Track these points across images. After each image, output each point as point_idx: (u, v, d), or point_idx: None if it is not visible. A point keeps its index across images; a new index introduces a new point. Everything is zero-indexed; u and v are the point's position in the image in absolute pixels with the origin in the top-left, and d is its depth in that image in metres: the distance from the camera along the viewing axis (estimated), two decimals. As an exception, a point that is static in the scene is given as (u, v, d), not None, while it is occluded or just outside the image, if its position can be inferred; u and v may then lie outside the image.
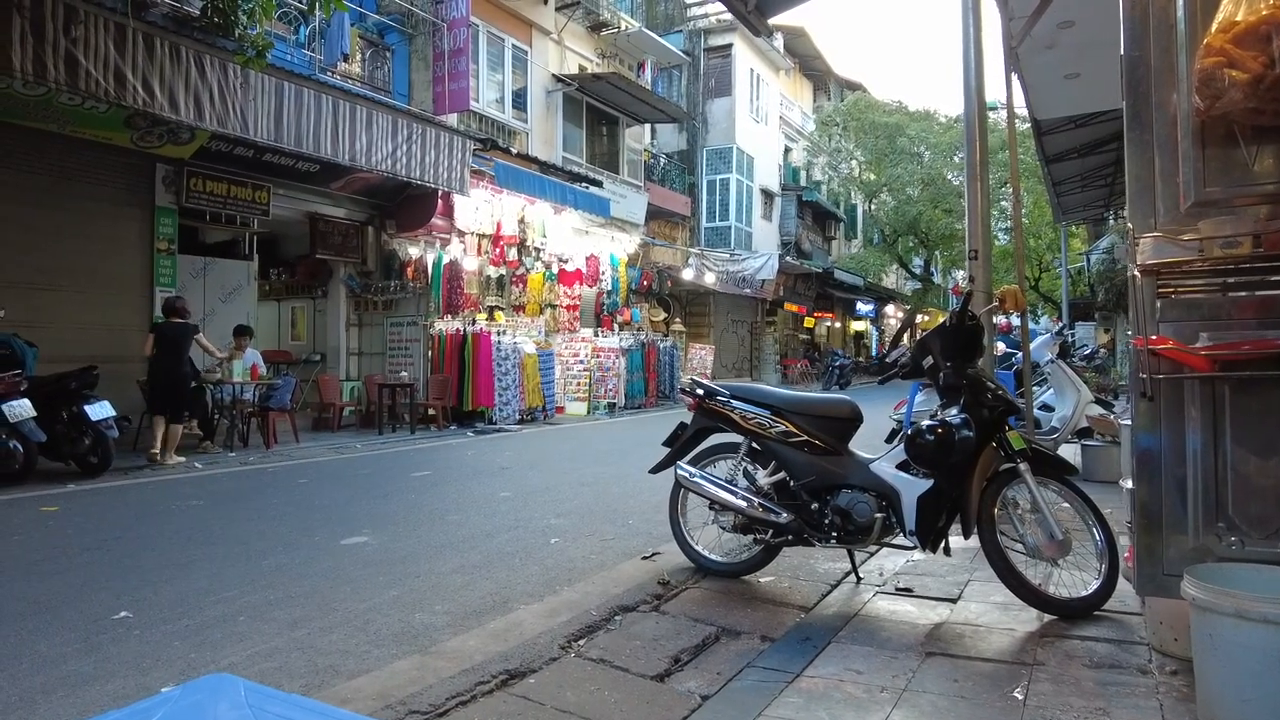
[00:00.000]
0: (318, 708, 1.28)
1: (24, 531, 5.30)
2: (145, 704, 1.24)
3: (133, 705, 1.23)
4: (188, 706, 1.26)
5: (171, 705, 1.25)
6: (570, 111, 17.42)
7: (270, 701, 1.28)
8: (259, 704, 1.26)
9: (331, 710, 1.26)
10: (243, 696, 1.29)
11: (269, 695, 1.31)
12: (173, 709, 1.24)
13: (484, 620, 3.52)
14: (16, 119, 8.65)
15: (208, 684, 1.35)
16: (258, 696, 1.30)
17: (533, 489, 6.91)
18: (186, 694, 1.29)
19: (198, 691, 1.31)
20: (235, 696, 1.29)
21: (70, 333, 9.07)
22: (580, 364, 14.91)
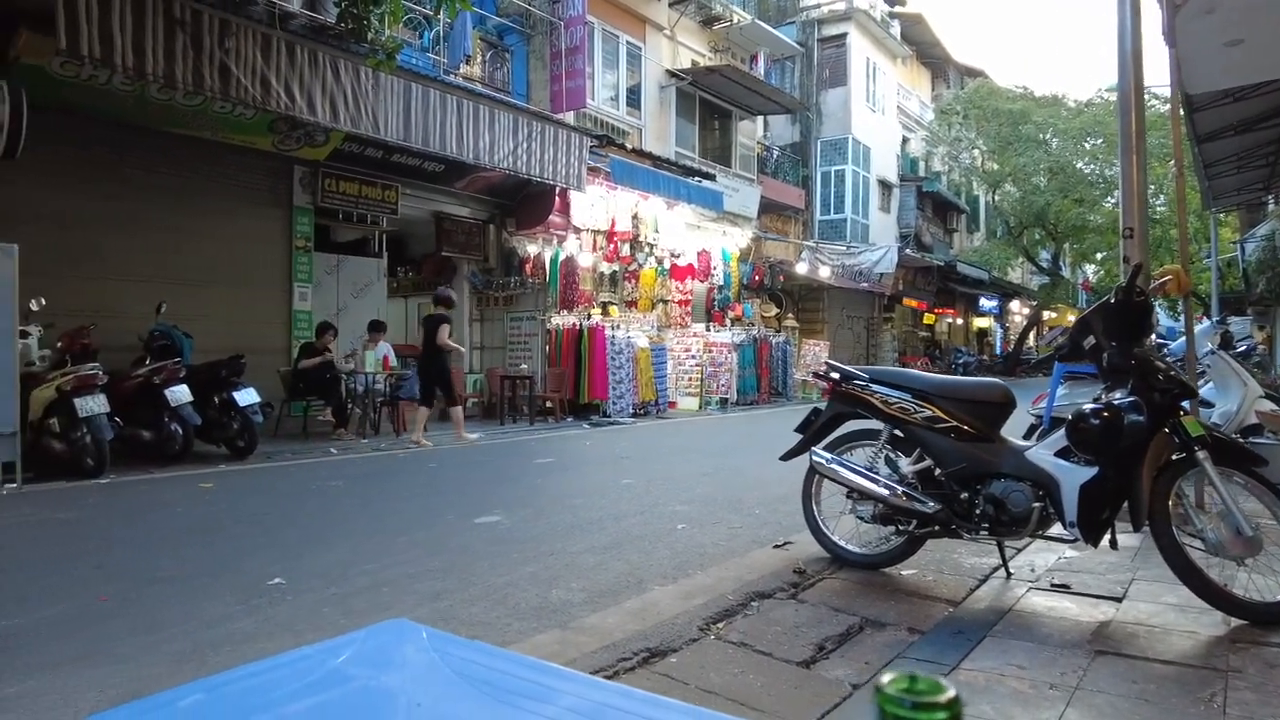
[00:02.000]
0: (498, 653, 1.24)
1: (186, 505, 5.68)
2: (332, 644, 1.24)
3: (319, 644, 1.23)
4: (374, 648, 1.24)
5: (358, 646, 1.23)
6: (683, 106, 17.37)
7: (451, 645, 1.25)
8: (441, 648, 1.23)
9: (512, 655, 1.22)
10: (425, 640, 1.27)
11: (449, 640, 1.28)
12: (360, 649, 1.23)
13: (620, 599, 3.49)
14: (175, 127, 9.32)
15: (389, 628, 1.33)
16: (439, 641, 1.27)
17: (654, 477, 6.87)
18: (370, 636, 1.28)
19: (381, 634, 1.30)
20: (418, 640, 1.27)
21: (220, 325, 9.69)
22: (692, 359, 14.84)
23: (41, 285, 7.42)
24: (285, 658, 1.23)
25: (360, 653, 1.22)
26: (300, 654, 1.22)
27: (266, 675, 1.15)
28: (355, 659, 1.19)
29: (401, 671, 1.17)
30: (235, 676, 1.16)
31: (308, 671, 1.15)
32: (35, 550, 4.38)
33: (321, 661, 1.18)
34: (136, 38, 7.34)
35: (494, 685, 1.11)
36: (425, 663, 1.19)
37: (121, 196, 9.14)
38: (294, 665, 1.18)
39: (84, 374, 6.77)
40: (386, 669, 1.17)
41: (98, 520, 5.20)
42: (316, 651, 1.21)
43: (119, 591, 3.49)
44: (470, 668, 1.17)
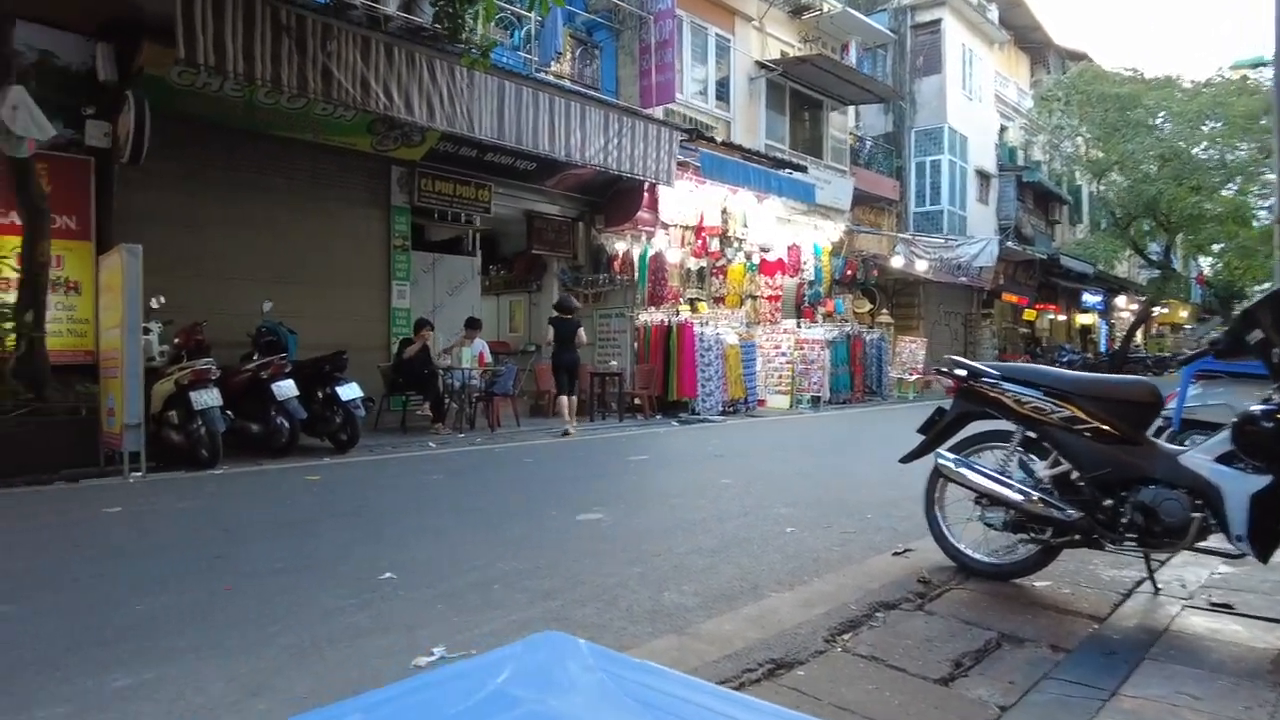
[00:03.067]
0: (677, 678, 1.11)
1: (294, 496, 5.82)
2: (487, 659, 1.14)
3: (474, 660, 1.13)
4: (534, 665, 1.13)
5: (517, 662, 1.13)
6: (773, 98, 17.04)
7: (620, 666, 1.13)
8: (611, 668, 1.11)
9: (695, 682, 1.09)
10: (589, 657, 1.15)
11: (616, 659, 1.16)
12: (520, 666, 1.12)
13: (736, 605, 3.34)
14: (280, 131, 9.64)
15: (546, 642, 1.22)
16: (605, 659, 1.15)
17: (752, 477, 6.69)
18: (527, 651, 1.17)
19: (539, 649, 1.19)
20: (580, 657, 1.16)
21: (323, 322, 9.98)
22: (782, 356, 14.54)
23: (161, 284, 7.75)
24: (442, 675, 1.13)
25: (521, 670, 1.11)
26: (457, 671, 1.12)
27: (425, 694, 1.05)
28: (517, 678, 1.08)
29: (570, 696, 1.05)
30: (391, 695, 1.06)
31: (469, 692, 1.05)
32: (162, 538, 4.54)
33: (481, 680, 1.07)
34: (246, 44, 7.59)
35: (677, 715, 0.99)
36: (595, 686, 1.07)
37: (233, 200, 9.51)
38: (453, 684, 1.08)
39: (199, 368, 7.04)
40: (553, 691, 1.06)
41: (215, 510, 5.37)
42: (473, 669, 1.11)
43: (239, 581, 3.55)
44: (647, 694, 1.04)
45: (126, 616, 3.07)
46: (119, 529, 4.75)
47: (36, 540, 4.49)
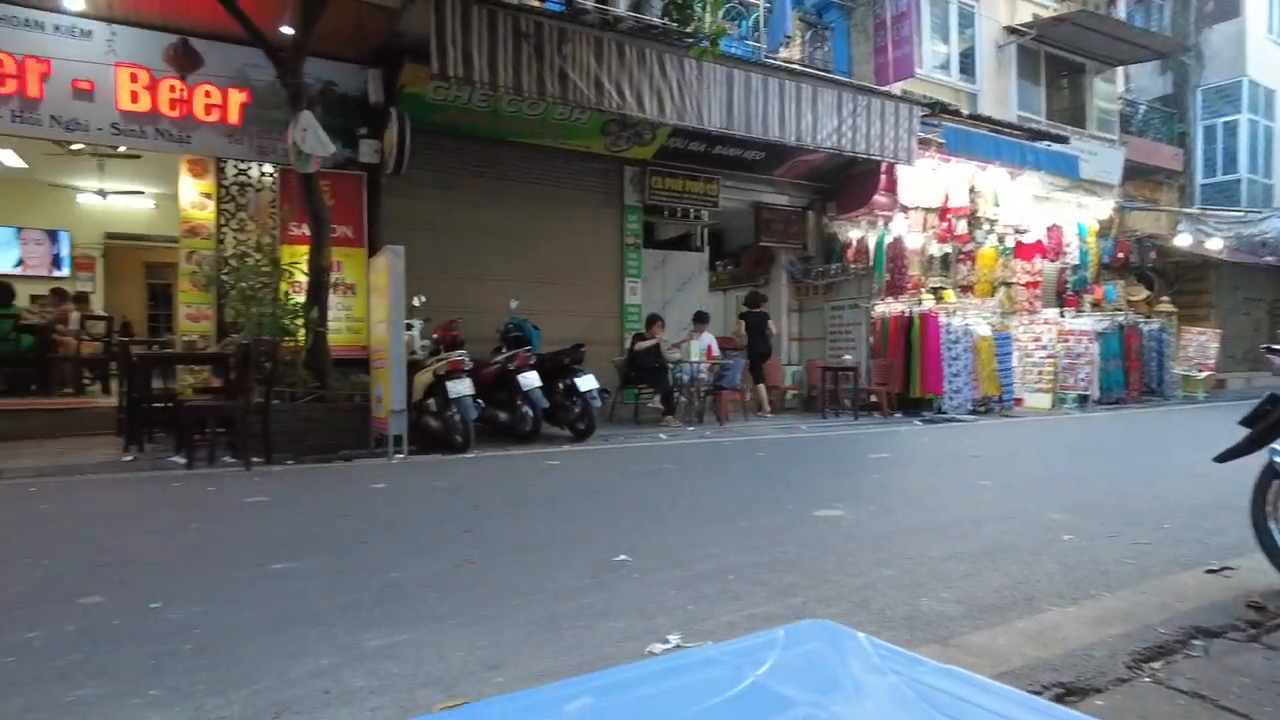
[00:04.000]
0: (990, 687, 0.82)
1: (536, 479, 6.03)
2: (743, 644, 0.91)
3: (726, 644, 0.91)
4: (801, 657, 0.89)
5: (779, 652, 0.89)
6: (1026, 65, 15.44)
7: (910, 666, 0.86)
8: (902, 668, 0.85)
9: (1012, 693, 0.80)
10: (871, 654, 0.89)
11: (906, 658, 0.89)
12: (783, 657, 0.88)
13: (1007, 617, 2.88)
14: (522, 138, 10.18)
15: (812, 630, 0.97)
16: (894, 659, 0.89)
17: (1015, 479, 5.96)
18: (791, 640, 0.93)
19: (804, 638, 0.94)
20: (860, 653, 0.90)
21: (562, 318, 10.42)
22: (1043, 350, 13.07)
23: (421, 285, 8.45)
24: (688, 658, 0.92)
25: (785, 662, 0.87)
26: (705, 655, 0.91)
27: (668, 681, 0.85)
28: (781, 671, 0.84)
29: (858, 702, 0.80)
30: (629, 678, 0.86)
31: (722, 683, 0.82)
32: (418, 513, 4.85)
33: (737, 669, 0.85)
34: (490, 54, 8.05)
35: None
36: (888, 691, 0.81)
37: (482, 204, 10.19)
38: (704, 671, 0.86)
39: (454, 360, 7.55)
40: (834, 694, 0.81)
41: (465, 489, 5.68)
42: (726, 656, 0.89)
43: (483, 555, 3.64)
44: (963, 709, 0.77)
45: (383, 581, 3.23)
46: (382, 503, 5.15)
47: (315, 509, 4.97)
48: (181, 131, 8.48)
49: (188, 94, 8.41)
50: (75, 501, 5.09)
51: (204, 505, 4.98)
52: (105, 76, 8.12)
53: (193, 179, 8.76)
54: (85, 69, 8.05)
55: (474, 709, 0.77)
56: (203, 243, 8.79)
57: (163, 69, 8.22)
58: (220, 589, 3.13)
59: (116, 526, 4.44)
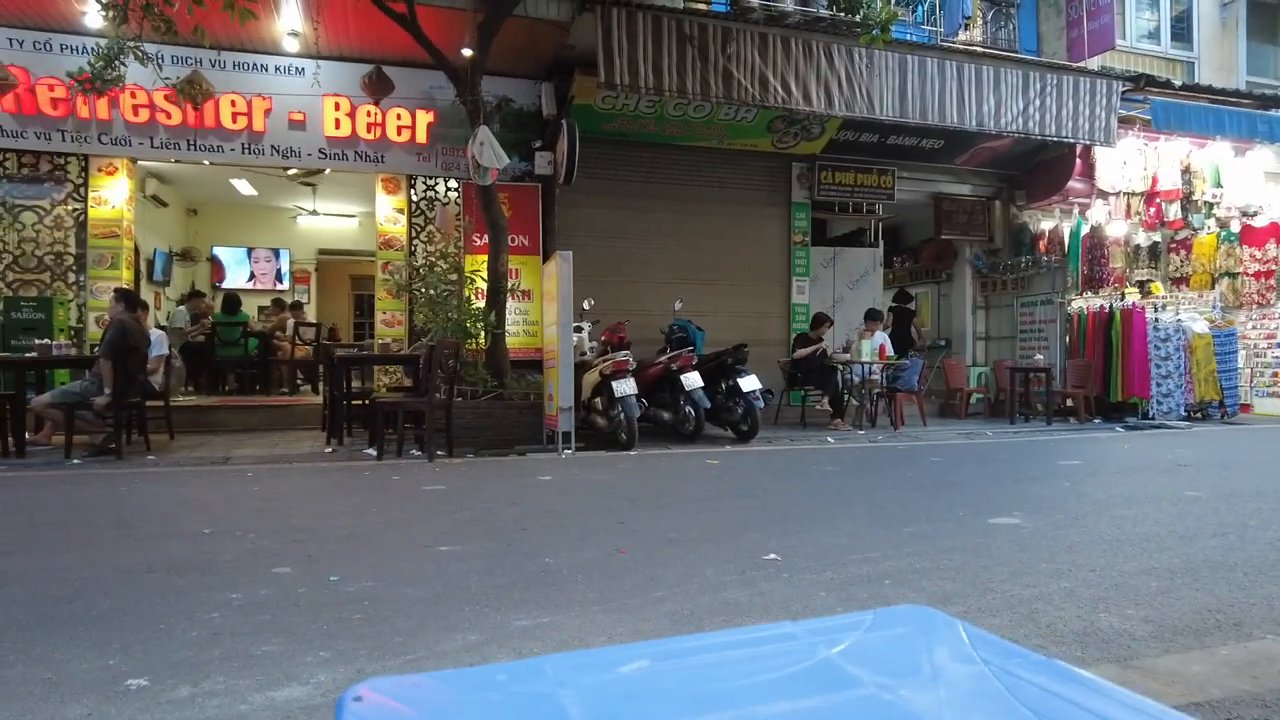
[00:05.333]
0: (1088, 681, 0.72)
1: (695, 477, 6.04)
2: (827, 623, 0.85)
3: (809, 621, 0.86)
4: (888, 641, 0.82)
5: (864, 633, 0.83)
6: (1257, 23, 13.61)
7: (1012, 660, 0.77)
8: (996, 660, 0.76)
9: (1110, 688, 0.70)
10: (965, 643, 0.81)
11: (1007, 649, 0.80)
12: (867, 639, 0.81)
13: (1206, 642, 2.53)
14: (688, 141, 10.26)
15: (908, 614, 0.90)
16: (990, 647, 0.80)
17: (1233, 492, 5.25)
18: (881, 622, 0.86)
19: (897, 621, 0.87)
20: (954, 641, 0.82)
21: (726, 318, 10.39)
22: (1278, 348, 11.44)
23: (591, 289, 8.73)
24: (761, 631, 0.87)
25: (867, 643, 0.81)
26: (782, 629, 0.86)
27: (732, 651, 0.81)
28: (860, 651, 0.79)
29: (934, 687, 0.73)
30: (693, 645, 0.83)
31: (790, 656, 0.78)
32: (578, 503, 5.00)
33: (811, 646, 0.80)
34: (655, 60, 8.18)
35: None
36: (970, 678, 0.73)
37: (648, 209, 10.38)
38: (773, 644, 0.82)
39: (619, 360, 7.73)
40: (909, 678, 0.74)
41: (625, 484, 5.79)
42: (805, 631, 0.84)
43: (633, 546, 3.69)
44: (1054, 705, 0.68)
45: (537, 566, 3.35)
46: (547, 494, 5.35)
47: (485, 497, 5.25)
48: (377, 152, 9.29)
49: (382, 118, 9.21)
50: (281, 486, 5.70)
51: (388, 492, 5.41)
52: (314, 107, 9.06)
53: (387, 196, 9.57)
54: (298, 102, 9.03)
55: (532, 663, 0.77)
56: (396, 254, 9.58)
57: (360, 96, 9.04)
58: (391, 567, 3.38)
59: (311, 509, 4.91)
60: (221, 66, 8.76)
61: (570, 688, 0.71)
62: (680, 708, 0.68)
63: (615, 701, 0.69)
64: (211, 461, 6.75)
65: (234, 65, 8.86)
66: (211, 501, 5.08)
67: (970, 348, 12.28)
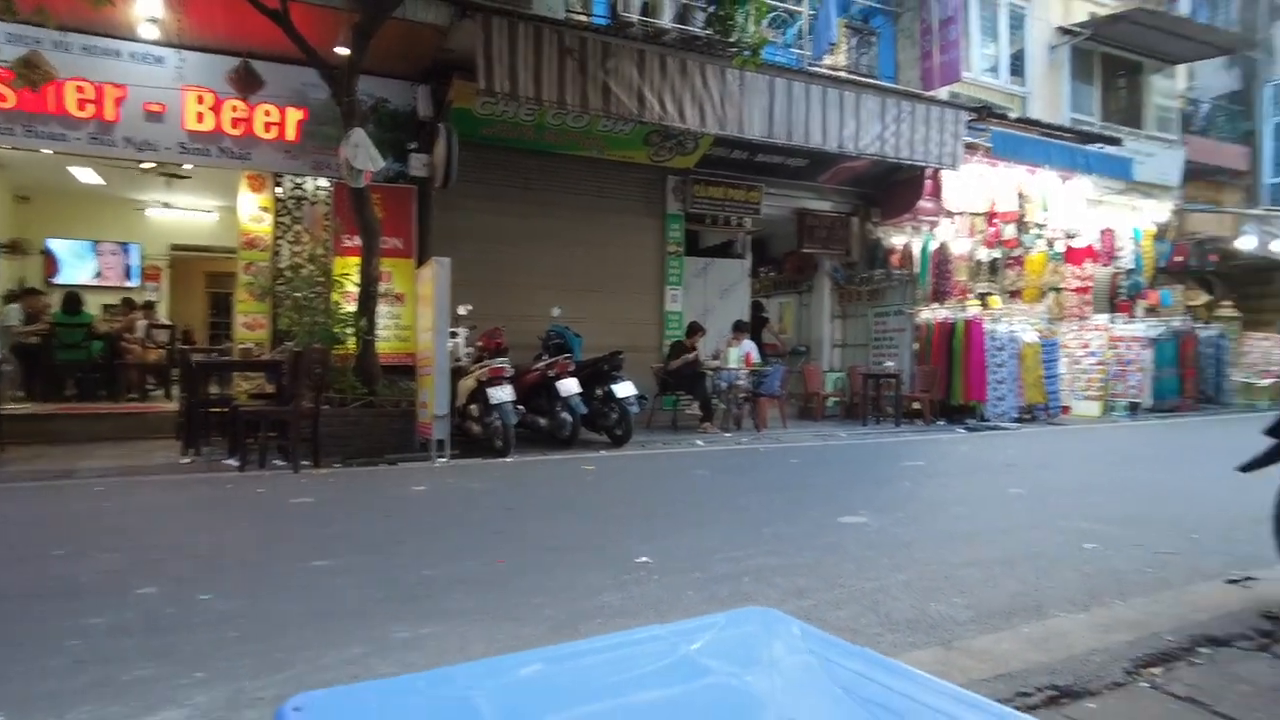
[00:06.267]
0: (900, 670, 0.94)
1: (571, 484, 6.20)
2: (687, 625, 1.05)
3: (673, 624, 1.05)
4: (736, 638, 1.03)
5: (717, 632, 1.03)
6: (1079, 66, 15.15)
7: (833, 650, 0.98)
8: (821, 651, 0.97)
9: (923, 677, 0.92)
10: (799, 637, 1.02)
11: (829, 641, 1.01)
12: (719, 636, 1.01)
13: (1014, 622, 2.94)
14: (567, 150, 10.40)
15: (753, 616, 1.11)
16: (817, 641, 1.01)
17: (1049, 488, 5.93)
18: (731, 623, 1.06)
19: (744, 622, 1.08)
20: (789, 635, 1.03)
21: (603, 325, 10.58)
22: (1092, 356, 12.82)
23: (468, 294, 8.70)
24: (634, 635, 1.06)
25: (719, 640, 1.01)
26: (651, 633, 1.05)
27: (611, 653, 0.99)
28: (713, 647, 0.98)
29: (770, 674, 0.93)
30: (579, 650, 1.01)
31: (658, 655, 0.97)
32: (454, 514, 5.06)
33: (674, 645, 0.99)
34: (536, 70, 8.28)
35: (895, 713, 0.83)
36: (801, 667, 0.94)
37: (527, 215, 10.44)
38: (643, 645, 1.01)
39: (495, 366, 7.78)
40: (751, 667, 0.94)
41: (502, 492, 5.88)
42: (669, 633, 1.03)
43: (512, 555, 3.82)
44: (860, 684, 0.89)
45: (416, 578, 3.42)
46: (421, 505, 5.38)
47: (357, 510, 5.22)
48: (242, 149, 8.91)
49: (249, 113, 8.84)
50: (136, 500, 5.43)
51: (253, 505, 5.27)
52: (174, 99, 8.58)
53: (252, 193, 9.19)
54: (156, 93, 8.52)
55: (443, 672, 0.92)
56: (260, 254, 9.21)
57: (226, 90, 8.65)
58: (264, 583, 3.36)
59: (172, 524, 4.74)
60: (67, 49, 8.15)
61: (480, 690, 0.86)
62: (571, 700, 0.85)
63: (518, 699, 0.85)
64: (53, 475, 6.31)
65: (81, 49, 8.26)
66: (59, 519, 4.80)
67: (828, 354, 13.05)
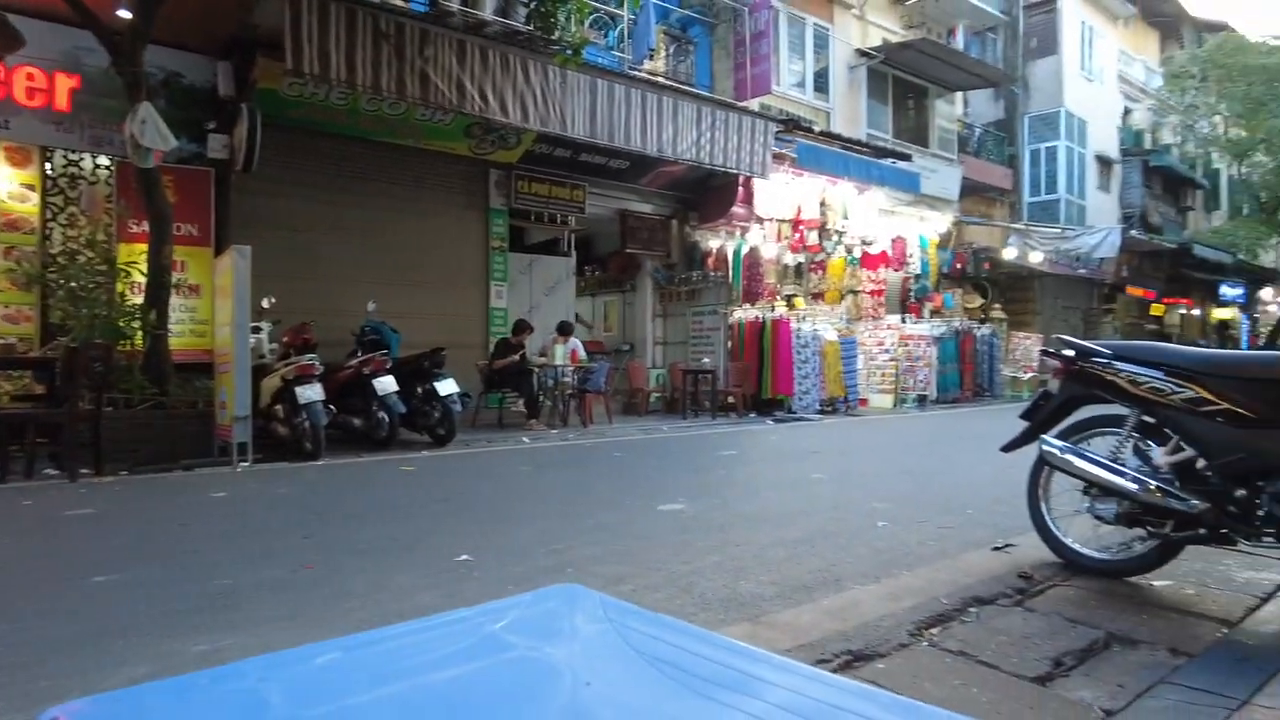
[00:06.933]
0: (689, 630, 1.01)
1: (388, 486, 5.98)
2: (494, 606, 1.06)
3: (481, 606, 1.06)
4: (541, 614, 1.05)
5: (523, 610, 1.05)
6: (875, 87, 16.52)
7: (631, 617, 1.03)
8: (620, 619, 1.02)
9: (707, 634, 0.99)
10: (601, 609, 1.06)
11: (629, 610, 1.06)
12: (525, 614, 1.04)
13: (815, 596, 3.18)
14: (384, 137, 10.01)
15: (559, 593, 1.14)
16: (617, 611, 1.06)
17: (847, 473, 6.44)
18: (538, 600, 1.09)
19: (550, 599, 1.11)
20: (592, 608, 1.06)
21: (425, 321, 10.28)
22: (885, 353, 14.03)
23: (272, 286, 8.17)
24: (438, 619, 1.06)
25: (524, 617, 1.03)
26: (457, 615, 1.05)
27: (413, 637, 0.99)
28: (518, 624, 1.00)
29: (570, 643, 0.97)
30: (379, 636, 1.00)
31: (460, 635, 0.97)
32: (257, 520, 4.73)
33: (478, 625, 1.00)
34: (349, 52, 7.90)
35: (683, 669, 0.88)
36: (599, 635, 0.98)
37: (340, 204, 9.94)
38: (446, 628, 1.01)
39: (303, 364, 7.35)
40: (552, 639, 0.97)
41: (310, 497, 5.58)
42: (475, 614, 1.04)
43: (321, 560, 3.64)
44: (655, 646, 0.94)
45: (214, 589, 3.18)
46: (220, 512, 4.99)
47: (147, 520, 4.77)
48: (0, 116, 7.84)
49: (6, 76, 7.79)
50: None
51: (19, 518, 4.68)
52: (-94, 53, 7.41)
53: (12, 168, 8.11)
54: (-119, 44, 7.31)
55: (232, 667, 0.88)
56: (24, 238, 8.16)
57: (-25, 48, 7.57)
58: (32, 604, 3.00)
59: (-85, 544, 4.11)
60: None
61: (272, 682, 0.83)
62: (369, 685, 0.84)
63: (313, 687, 0.83)
64: None
65: None
66: None
67: (650, 352, 13.42)
